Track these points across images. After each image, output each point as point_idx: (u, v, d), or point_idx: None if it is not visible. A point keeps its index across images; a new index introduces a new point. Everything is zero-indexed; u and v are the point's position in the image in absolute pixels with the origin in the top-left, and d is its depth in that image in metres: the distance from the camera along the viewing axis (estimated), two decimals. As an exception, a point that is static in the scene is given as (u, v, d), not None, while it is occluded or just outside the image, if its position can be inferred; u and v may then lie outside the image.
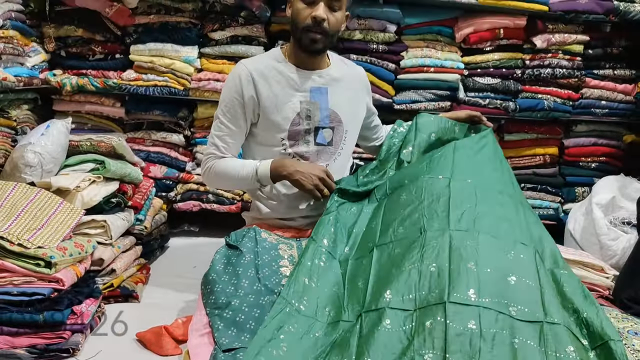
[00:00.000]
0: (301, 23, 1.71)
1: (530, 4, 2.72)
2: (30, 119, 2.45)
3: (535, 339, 1.22)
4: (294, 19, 1.74)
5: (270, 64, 1.80)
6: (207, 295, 1.49)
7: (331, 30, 1.72)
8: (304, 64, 1.81)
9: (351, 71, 1.96)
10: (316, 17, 1.67)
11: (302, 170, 1.70)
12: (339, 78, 1.87)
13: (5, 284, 1.51)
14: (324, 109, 1.81)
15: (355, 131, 1.96)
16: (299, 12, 1.71)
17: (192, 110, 2.79)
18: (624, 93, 2.94)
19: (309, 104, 1.79)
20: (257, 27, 2.70)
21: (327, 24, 1.70)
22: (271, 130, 1.79)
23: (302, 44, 1.73)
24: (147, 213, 2.31)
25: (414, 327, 1.23)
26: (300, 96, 1.79)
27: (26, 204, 1.75)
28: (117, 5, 2.60)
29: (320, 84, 1.82)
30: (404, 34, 2.80)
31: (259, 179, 1.74)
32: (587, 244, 2.50)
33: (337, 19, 1.73)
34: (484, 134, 1.90)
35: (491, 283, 1.29)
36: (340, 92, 1.86)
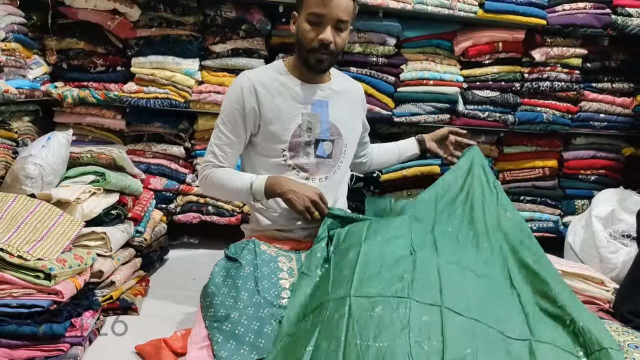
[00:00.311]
0: (308, 45, 1.72)
1: (528, 18, 2.74)
2: (31, 130, 2.46)
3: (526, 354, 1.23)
4: (300, 39, 1.74)
5: (273, 76, 1.82)
6: (206, 307, 1.48)
7: (337, 50, 1.75)
8: (306, 78, 1.83)
9: (351, 86, 1.98)
10: (323, 41, 1.69)
11: (295, 190, 1.70)
12: (340, 92, 1.89)
13: (5, 296, 1.51)
14: (324, 122, 1.82)
15: (353, 145, 1.98)
16: (306, 34, 1.71)
17: (192, 122, 2.80)
18: (622, 106, 2.96)
19: (310, 116, 1.80)
20: (257, 40, 2.72)
21: (334, 45, 1.71)
22: (272, 141, 1.80)
23: (309, 63, 1.75)
24: (147, 225, 2.31)
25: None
26: (302, 108, 1.80)
27: (26, 216, 1.76)
28: (119, 19, 2.62)
29: (322, 97, 1.83)
30: (404, 47, 2.82)
31: (253, 194, 1.76)
32: (587, 257, 2.50)
33: (343, 39, 1.75)
34: (468, 157, 1.93)
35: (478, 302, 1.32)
36: (340, 105, 1.87)
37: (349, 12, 1.72)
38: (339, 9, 1.67)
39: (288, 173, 1.82)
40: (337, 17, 1.68)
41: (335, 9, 1.67)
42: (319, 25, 1.69)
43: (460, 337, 1.18)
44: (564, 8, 2.80)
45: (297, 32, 1.76)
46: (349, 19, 1.73)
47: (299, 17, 1.75)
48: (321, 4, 1.67)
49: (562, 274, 1.89)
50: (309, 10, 1.70)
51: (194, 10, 2.68)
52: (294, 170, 1.82)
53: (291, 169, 1.82)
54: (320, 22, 1.69)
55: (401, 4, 2.65)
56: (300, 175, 1.82)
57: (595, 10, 2.80)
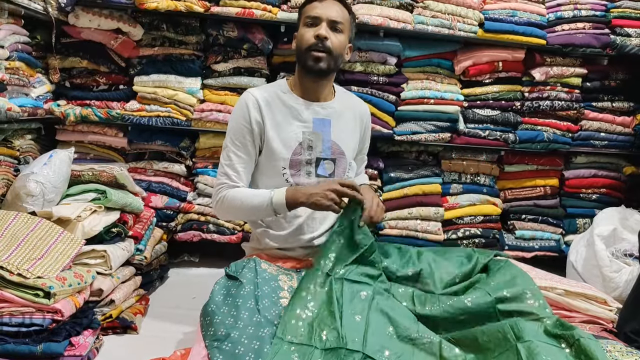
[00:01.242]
0: (305, 44, 1.76)
1: (528, 38, 2.77)
2: (33, 148, 2.47)
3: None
4: (299, 43, 1.79)
5: (275, 94, 1.83)
6: (206, 326, 1.47)
7: (335, 50, 1.76)
8: (308, 94, 1.83)
9: (356, 105, 1.97)
10: (319, 35, 1.72)
11: (316, 192, 1.66)
12: (343, 110, 1.88)
13: (4, 314, 1.50)
14: (326, 141, 1.82)
15: (356, 163, 2.00)
16: (303, 35, 1.77)
17: (194, 140, 2.81)
18: (622, 125, 2.97)
19: (312, 135, 1.80)
20: (259, 59, 2.74)
21: (331, 43, 1.74)
22: (273, 158, 1.80)
23: (307, 65, 1.76)
24: (148, 243, 2.30)
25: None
26: (302, 126, 1.80)
27: (27, 234, 1.75)
28: (122, 38, 2.65)
29: (324, 116, 1.83)
30: (404, 66, 2.84)
31: (274, 209, 1.70)
32: (590, 276, 2.48)
33: (339, 40, 1.77)
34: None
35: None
36: (343, 125, 1.86)
37: (342, 16, 1.78)
38: (332, 9, 1.76)
39: None
40: (331, 17, 1.75)
41: (329, 10, 1.76)
42: (315, 25, 1.76)
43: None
44: (563, 28, 2.82)
45: (297, 40, 1.82)
46: (344, 22, 1.78)
47: (298, 29, 1.82)
48: (316, 7, 1.77)
49: (565, 294, 1.88)
50: (305, 15, 1.79)
51: (196, 30, 2.71)
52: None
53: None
54: (316, 23, 1.76)
55: (402, 24, 2.68)
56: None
57: (594, 31, 2.83)
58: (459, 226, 2.92)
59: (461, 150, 2.94)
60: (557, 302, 1.86)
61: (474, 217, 2.92)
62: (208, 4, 2.60)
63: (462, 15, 2.74)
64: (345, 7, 1.81)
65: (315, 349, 1.37)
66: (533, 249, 2.95)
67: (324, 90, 1.85)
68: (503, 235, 2.97)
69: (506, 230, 3.02)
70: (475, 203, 2.95)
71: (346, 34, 1.81)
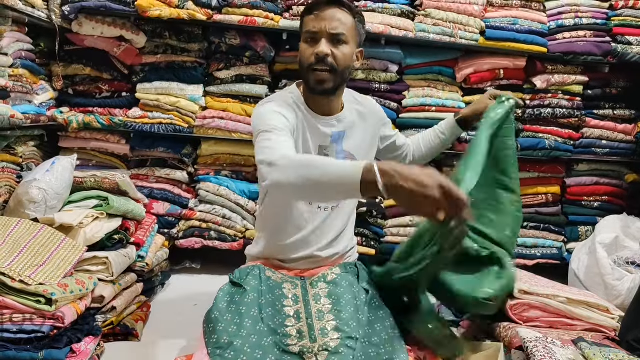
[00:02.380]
0: (306, 62, 1.65)
1: (529, 46, 2.78)
2: (35, 155, 2.48)
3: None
4: (300, 60, 1.68)
5: (297, 105, 1.72)
6: (209, 333, 1.46)
7: (339, 65, 1.64)
8: (321, 109, 1.74)
9: (364, 107, 1.87)
10: (319, 54, 1.61)
11: (420, 181, 1.14)
12: (355, 119, 1.81)
13: (5, 321, 1.50)
14: (339, 152, 1.76)
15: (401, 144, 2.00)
16: (303, 52, 1.66)
17: (196, 147, 2.82)
18: (624, 133, 2.97)
19: (327, 148, 1.75)
20: (261, 66, 2.76)
21: (333, 59, 1.63)
22: None
23: (310, 85, 1.67)
24: (149, 250, 2.30)
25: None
26: (319, 140, 1.74)
27: (29, 240, 1.76)
28: (125, 45, 2.67)
29: (340, 129, 1.76)
30: (406, 73, 2.85)
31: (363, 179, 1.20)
32: (592, 284, 2.48)
33: (343, 53, 1.64)
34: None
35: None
36: (356, 133, 1.81)
37: (346, 26, 1.64)
38: (332, 22, 1.62)
39: (301, 202, 1.76)
40: (330, 30, 1.62)
41: (328, 22, 1.62)
42: (315, 41, 1.64)
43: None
44: (565, 36, 2.83)
45: (299, 58, 1.70)
46: (347, 31, 1.65)
47: (300, 40, 1.70)
48: (314, 20, 1.63)
49: (567, 302, 1.87)
50: (305, 29, 1.67)
51: (199, 38, 2.72)
52: None
53: None
54: (316, 38, 1.63)
55: (403, 32, 2.69)
56: (313, 205, 1.76)
57: (595, 39, 2.84)
58: (461, 234, 2.91)
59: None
60: (559, 310, 1.85)
61: (476, 224, 2.92)
62: (211, 12, 2.61)
63: (463, 24, 2.75)
64: (348, 11, 1.66)
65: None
66: (535, 257, 2.95)
67: (335, 104, 1.77)
68: (505, 242, 2.96)
69: (508, 238, 3.01)
70: (477, 210, 2.94)
71: (352, 42, 1.68)
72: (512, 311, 1.85)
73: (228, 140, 2.76)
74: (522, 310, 1.86)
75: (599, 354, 1.56)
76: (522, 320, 1.84)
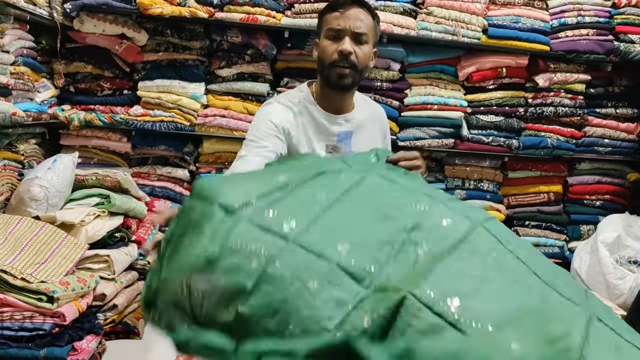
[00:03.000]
0: (328, 59, 1.66)
1: (531, 44, 2.77)
2: (37, 153, 2.48)
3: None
4: (321, 57, 1.70)
5: (303, 106, 1.75)
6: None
7: (359, 64, 1.67)
8: (332, 107, 1.75)
9: (373, 112, 1.90)
10: (342, 51, 1.63)
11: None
12: (363, 120, 1.82)
13: (7, 318, 1.50)
14: (347, 152, 1.78)
15: None
16: (325, 49, 1.67)
17: (197, 145, 2.81)
18: (626, 132, 2.97)
19: (334, 148, 1.77)
20: (263, 64, 2.75)
21: (355, 57, 1.65)
22: None
23: (331, 80, 1.68)
24: (151, 248, 2.30)
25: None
26: (327, 139, 1.76)
27: (30, 238, 1.76)
28: (126, 43, 2.66)
29: (348, 128, 1.78)
30: (408, 72, 2.85)
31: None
32: (594, 283, 2.47)
33: (364, 52, 1.68)
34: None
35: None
36: (364, 134, 1.81)
37: (367, 26, 1.68)
38: (356, 21, 1.65)
39: None
40: (354, 29, 1.65)
41: (352, 21, 1.65)
42: (338, 39, 1.66)
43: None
44: (567, 34, 2.82)
45: (319, 53, 1.71)
46: (368, 32, 1.68)
47: (320, 39, 1.71)
48: (339, 18, 1.66)
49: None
50: (328, 26, 1.68)
51: (200, 36, 2.71)
52: None
53: None
54: (339, 36, 1.65)
55: (405, 30, 2.68)
56: None
57: (597, 37, 2.83)
58: (463, 232, 2.91)
59: (465, 156, 2.94)
60: (561, 309, 1.85)
61: (478, 223, 2.91)
62: (212, 9, 2.61)
63: (465, 22, 2.74)
64: (369, 12, 1.70)
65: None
66: (537, 256, 2.94)
67: (347, 103, 1.79)
68: (506, 241, 2.96)
69: (510, 237, 3.01)
70: (479, 209, 2.94)
71: (371, 42, 1.71)
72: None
73: (229, 139, 2.75)
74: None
75: (601, 353, 1.56)
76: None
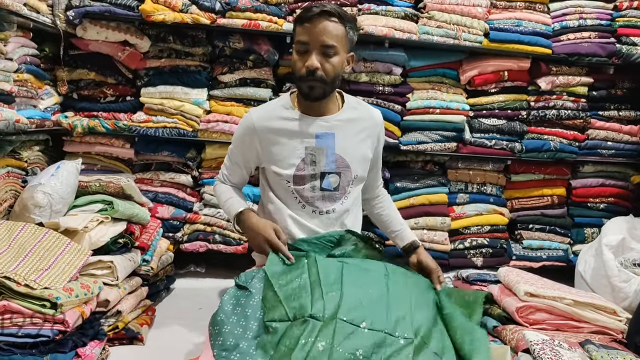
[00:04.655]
0: (297, 73, 1.72)
1: (533, 47, 2.77)
2: (40, 159, 2.48)
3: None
4: (292, 68, 1.77)
5: (277, 112, 1.82)
6: (215, 336, 1.46)
7: (328, 77, 1.70)
8: (310, 110, 1.80)
9: (365, 113, 1.89)
10: (308, 67, 1.67)
11: (257, 238, 1.72)
12: (350, 121, 1.84)
13: (10, 325, 1.50)
14: (330, 155, 1.79)
15: (364, 173, 1.90)
16: (295, 63, 1.73)
17: (200, 151, 2.82)
18: (629, 134, 2.96)
19: (314, 150, 1.78)
20: (265, 69, 2.76)
21: (322, 71, 1.68)
22: (277, 174, 1.79)
23: (302, 92, 1.76)
24: (154, 254, 2.30)
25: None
26: (305, 142, 1.78)
27: (34, 245, 1.76)
28: (129, 50, 2.67)
29: (327, 129, 1.80)
30: (410, 76, 2.85)
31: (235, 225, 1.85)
32: (598, 286, 2.46)
33: (333, 64, 1.70)
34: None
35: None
36: (349, 136, 1.83)
37: (336, 37, 1.68)
38: (322, 34, 1.66)
39: (294, 206, 1.81)
40: (321, 42, 1.66)
41: (318, 35, 1.66)
42: (305, 53, 1.70)
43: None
44: (569, 37, 2.82)
45: (291, 66, 1.78)
46: (336, 43, 1.69)
47: (293, 50, 1.77)
48: (305, 32, 1.68)
49: (574, 304, 1.86)
50: (296, 38, 1.72)
51: (202, 42, 2.72)
52: (300, 203, 1.80)
53: (297, 202, 1.80)
54: (306, 50, 1.69)
55: (407, 34, 2.69)
56: (306, 210, 1.80)
57: (599, 40, 2.83)
58: (466, 236, 2.91)
59: (467, 160, 2.94)
60: (565, 312, 1.84)
61: (481, 226, 2.91)
62: (214, 16, 2.62)
63: (467, 25, 2.75)
64: (339, 20, 1.69)
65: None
66: (541, 259, 2.94)
67: (326, 106, 1.82)
68: (510, 245, 2.96)
69: (513, 240, 3.01)
70: (482, 213, 2.93)
71: (342, 52, 1.73)
72: (518, 314, 1.84)
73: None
74: (529, 312, 1.85)
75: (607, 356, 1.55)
76: (529, 323, 1.83)
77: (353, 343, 1.32)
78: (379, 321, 1.40)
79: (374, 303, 1.47)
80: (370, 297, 1.48)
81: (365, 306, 1.44)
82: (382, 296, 1.50)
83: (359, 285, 1.52)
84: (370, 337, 1.35)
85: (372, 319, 1.40)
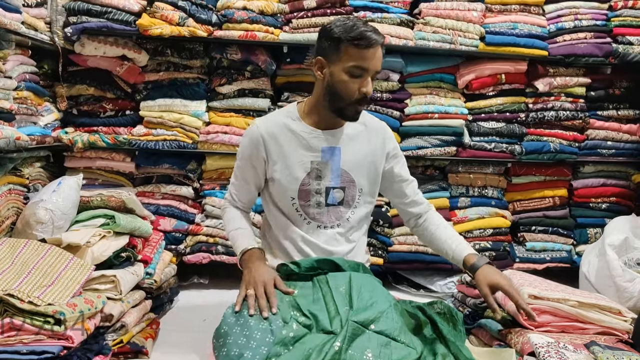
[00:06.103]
0: (349, 97, 1.67)
1: (529, 50, 2.78)
2: (42, 176, 2.49)
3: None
4: (338, 91, 1.68)
5: (283, 123, 1.79)
6: (219, 348, 1.46)
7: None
8: (322, 124, 1.78)
9: (370, 127, 1.88)
10: (367, 94, 1.67)
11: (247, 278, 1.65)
12: (355, 135, 1.82)
13: (15, 342, 1.50)
14: (335, 169, 1.78)
15: (372, 188, 1.88)
16: (347, 85, 1.66)
17: (200, 162, 2.83)
18: (629, 133, 2.96)
19: (320, 164, 1.77)
20: (263, 80, 2.77)
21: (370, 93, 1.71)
22: (282, 189, 1.78)
23: (346, 115, 1.72)
24: (157, 267, 2.30)
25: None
26: (311, 156, 1.77)
27: (37, 261, 1.76)
28: (127, 64, 2.69)
29: (333, 144, 1.78)
30: (407, 82, 2.86)
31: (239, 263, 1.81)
32: (603, 286, 2.45)
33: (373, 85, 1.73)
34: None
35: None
36: (354, 150, 1.81)
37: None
38: (379, 62, 1.68)
39: (300, 222, 1.79)
40: (375, 69, 1.68)
41: (377, 62, 1.67)
42: (360, 77, 1.66)
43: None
44: (565, 38, 2.83)
45: (332, 82, 1.68)
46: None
47: (333, 66, 1.68)
48: (364, 57, 1.64)
49: (579, 305, 1.85)
50: (351, 62, 1.65)
51: (200, 54, 2.74)
52: (305, 219, 1.79)
53: (302, 218, 1.79)
54: (362, 75, 1.66)
55: (403, 41, 2.70)
56: (311, 225, 1.79)
57: (595, 40, 2.84)
58: (469, 240, 2.89)
59: (468, 164, 2.94)
60: (570, 314, 1.83)
61: (484, 230, 2.91)
62: (211, 28, 2.63)
63: (462, 30, 2.76)
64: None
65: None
66: (544, 261, 2.93)
67: (335, 120, 1.79)
68: (513, 247, 2.95)
69: (516, 243, 3.00)
70: (484, 216, 2.93)
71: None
72: (522, 316, 1.83)
73: (232, 155, 2.75)
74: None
75: (612, 357, 1.55)
76: (533, 326, 1.82)
77: (362, 344, 1.40)
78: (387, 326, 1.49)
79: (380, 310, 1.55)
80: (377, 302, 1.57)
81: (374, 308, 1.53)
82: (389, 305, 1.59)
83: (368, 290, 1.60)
84: (376, 340, 1.44)
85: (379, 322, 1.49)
